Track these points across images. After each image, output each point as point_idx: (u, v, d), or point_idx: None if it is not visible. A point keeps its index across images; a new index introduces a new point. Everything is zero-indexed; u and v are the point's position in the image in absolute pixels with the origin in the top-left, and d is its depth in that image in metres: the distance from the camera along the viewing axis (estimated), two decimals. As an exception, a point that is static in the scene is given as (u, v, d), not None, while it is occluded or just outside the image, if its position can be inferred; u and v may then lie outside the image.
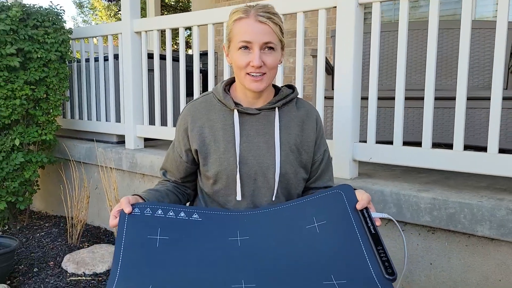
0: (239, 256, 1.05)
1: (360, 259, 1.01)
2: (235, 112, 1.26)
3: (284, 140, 1.27)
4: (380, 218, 1.13)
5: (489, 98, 2.19)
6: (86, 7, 19.73)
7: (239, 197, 1.24)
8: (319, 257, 1.03)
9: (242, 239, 1.10)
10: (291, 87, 1.35)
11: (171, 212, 1.15)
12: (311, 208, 1.15)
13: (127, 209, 1.10)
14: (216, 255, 1.05)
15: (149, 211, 1.13)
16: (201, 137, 1.28)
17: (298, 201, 1.19)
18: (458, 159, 1.72)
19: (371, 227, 1.07)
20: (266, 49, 1.18)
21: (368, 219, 1.09)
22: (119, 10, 16.61)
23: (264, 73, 1.19)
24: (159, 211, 1.14)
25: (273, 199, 1.26)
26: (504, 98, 2.18)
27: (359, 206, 1.10)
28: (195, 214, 1.15)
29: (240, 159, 1.24)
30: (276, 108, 1.28)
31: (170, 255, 1.04)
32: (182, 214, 1.15)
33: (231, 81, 1.34)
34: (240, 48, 1.18)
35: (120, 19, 12.12)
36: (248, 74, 1.19)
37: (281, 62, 1.28)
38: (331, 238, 1.07)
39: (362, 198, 1.11)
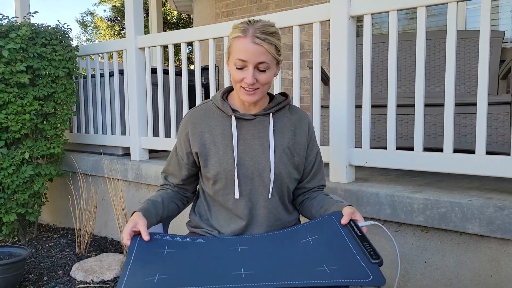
0: (239, 254, 1.17)
1: (348, 252, 1.12)
2: (233, 118, 1.37)
3: (278, 143, 1.38)
4: (370, 224, 1.27)
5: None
6: (89, 26, 20.08)
7: (237, 196, 1.34)
8: (312, 254, 1.14)
9: (242, 248, 1.22)
10: (284, 95, 1.46)
11: (177, 237, 1.28)
12: (305, 230, 1.29)
13: (146, 238, 1.21)
14: (218, 255, 1.17)
15: (158, 236, 1.27)
16: (202, 141, 1.38)
17: (294, 227, 1.33)
18: (448, 161, 1.81)
19: (357, 231, 1.19)
20: (260, 68, 1.28)
21: (354, 227, 1.21)
22: (122, 29, 16.90)
23: (257, 88, 1.30)
24: (167, 237, 1.27)
25: (269, 197, 1.36)
26: (495, 103, 2.28)
27: (343, 221, 1.23)
28: (200, 239, 1.28)
29: (237, 161, 1.35)
30: (271, 114, 1.39)
31: (176, 257, 1.16)
32: (188, 239, 1.28)
33: (229, 89, 1.45)
34: (236, 64, 1.28)
35: (123, 37, 12.35)
36: (242, 87, 1.30)
37: (277, 75, 1.39)
38: (322, 244, 1.19)
39: (345, 214, 1.24)
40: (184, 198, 1.53)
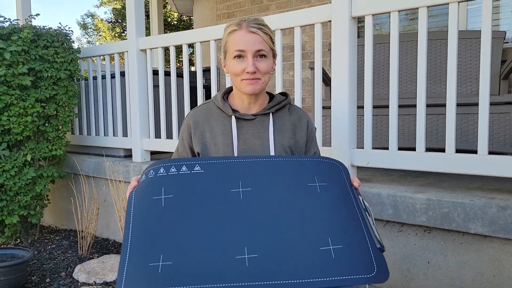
0: (242, 218, 1.09)
1: (358, 229, 1.09)
2: (233, 118, 1.38)
3: (278, 142, 1.38)
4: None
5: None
6: (90, 28, 20.11)
7: None
8: (319, 217, 1.09)
9: (244, 190, 1.14)
10: (284, 94, 1.46)
11: (173, 168, 1.19)
12: (311, 167, 1.22)
13: (134, 183, 1.21)
14: (220, 216, 1.09)
15: (152, 172, 1.20)
16: (203, 141, 1.39)
17: (299, 157, 1.26)
18: (450, 161, 1.81)
19: (362, 205, 1.17)
20: (259, 56, 1.31)
21: (360, 198, 1.20)
22: (123, 31, 16.92)
23: (258, 78, 1.32)
24: (161, 170, 1.19)
25: None
26: (496, 103, 2.28)
27: (356, 184, 1.24)
28: (197, 166, 1.20)
29: None
30: (270, 114, 1.39)
31: (177, 218, 1.08)
32: (184, 168, 1.19)
33: (229, 90, 1.46)
34: (235, 57, 1.31)
35: (124, 39, 12.35)
36: (244, 79, 1.32)
37: (274, 70, 1.40)
38: (331, 201, 1.14)
39: (356, 180, 1.26)
40: None
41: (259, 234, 1.06)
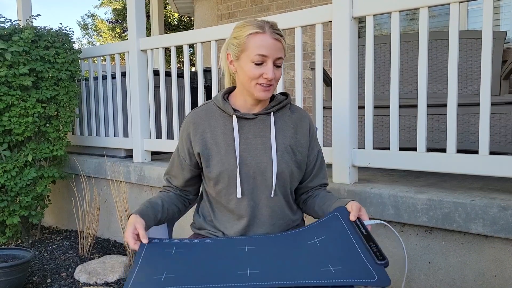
0: (246, 254, 1.17)
1: (353, 252, 1.12)
2: (234, 117, 1.37)
3: (280, 141, 1.38)
4: (375, 223, 1.26)
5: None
6: (90, 28, 20.13)
7: (239, 195, 1.35)
8: (318, 255, 1.15)
9: (249, 248, 1.22)
10: (285, 94, 1.46)
11: (186, 240, 1.29)
12: (311, 231, 1.29)
13: (145, 240, 1.22)
14: (225, 255, 1.17)
15: (166, 240, 1.27)
16: (203, 141, 1.39)
17: (300, 229, 1.33)
18: (451, 161, 1.81)
19: (363, 230, 1.19)
20: (277, 63, 1.31)
21: (360, 225, 1.21)
22: (123, 32, 16.94)
23: (272, 84, 1.32)
24: (175, 240, 1.28)
25: (272, 195, 1.36)
26: (497, 104, 2.28)
27: (352, 217, 1.22)
28: (208, 240, 1.28)
29: (239, 160, 1.35)
30: (272, 113, 1.39)
31: (184, 256, 1.16)
32: (196, 240, 1.28)
33: (230, 90, 1.46)
34: (255, 60, 1.29)
35: (124, 40, 12.37)
36: (258, 84, 1.31)
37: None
38: (328, 244, 1.19)
39: (352, 209, 1.24)
40: (186, 200, 1.53)
41: (262, 262, 1.12)
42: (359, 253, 1.11)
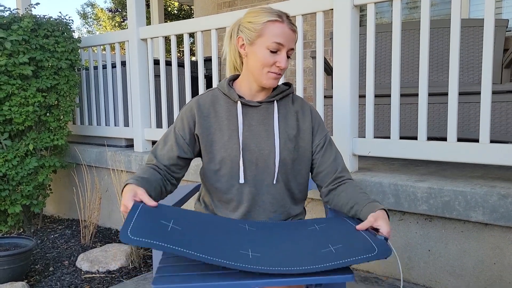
0: (247, 233, 1.18)
1: (353, 231, 1.15)
2: (239, 103, 1.38)
3: (282, 129, 1.39)
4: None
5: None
6: (90, 17, 19.99)
7: (242, 180, 1.35)
8: (318, 238, 1.16)
9: (250, 228, 1.22)
10: (288, 84, 1.47)
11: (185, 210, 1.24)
12: (312, 220, 1.31)
13: (153, 203, 1.14)
14: (227, 229, 1.17)
15: (163, 207, 1.20)
16: (207, 125, 1.38)
17: (301, 221, 1.34)
18: (452, 150, 1.81)
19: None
20: (289, 54, 1.34)
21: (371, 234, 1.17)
22: (123, 21, 16.83)
23: (281, 74, 1.35)
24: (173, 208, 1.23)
25: (274, 182, 1.37)
26: (498, 92, 2.27)
27: (358, 227, 1.19)
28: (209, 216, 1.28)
29: (243, 146, 1.36)
30: (275, 101, 1.40)
31: (185, 224, 1.10)
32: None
33: (234, 77, 1.46)
34: (271, 47, 1.30)
35: (124, 29, 12.30)
36: (270, 72, 1.33)
37: None
38: (329, 229, 1.21)
39: (365, 221, 1.19)
40: (168, 184, 1.41)
41: (263, 244, 1.12)
42: (359, 232, 1.13)
